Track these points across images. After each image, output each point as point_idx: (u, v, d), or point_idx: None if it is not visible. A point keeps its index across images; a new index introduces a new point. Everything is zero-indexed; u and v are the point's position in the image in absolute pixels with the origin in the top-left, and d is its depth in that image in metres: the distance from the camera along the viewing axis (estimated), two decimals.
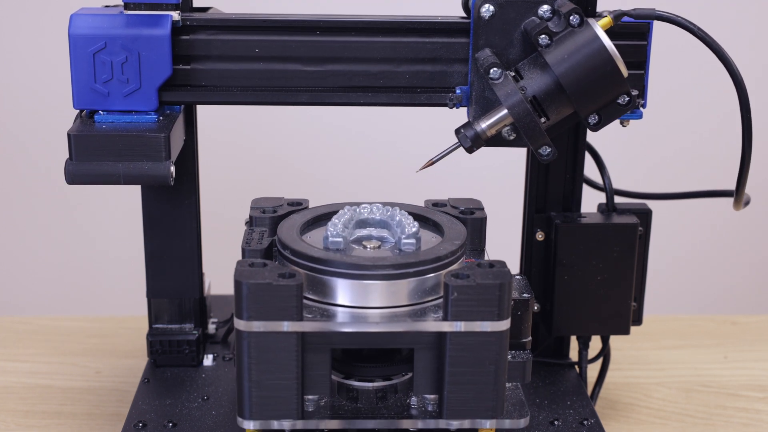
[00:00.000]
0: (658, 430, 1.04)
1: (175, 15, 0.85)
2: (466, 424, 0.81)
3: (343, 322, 0.79)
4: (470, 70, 0.87)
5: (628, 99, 0.83)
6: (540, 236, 0.99)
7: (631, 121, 0.89)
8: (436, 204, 0.95)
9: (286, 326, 0.77)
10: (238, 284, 0.76)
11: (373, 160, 1.69)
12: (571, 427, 0.92)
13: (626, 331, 0.99)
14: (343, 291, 0.80)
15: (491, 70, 0.82)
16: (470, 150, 0.85)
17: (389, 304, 0.80)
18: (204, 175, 1.03)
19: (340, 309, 0.80)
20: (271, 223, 0.90)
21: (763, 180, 1.70)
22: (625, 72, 0.82)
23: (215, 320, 1.07)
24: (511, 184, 1.18)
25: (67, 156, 0.83)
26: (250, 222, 0.91)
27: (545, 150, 0.83)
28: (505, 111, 0.83)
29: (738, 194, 0.90)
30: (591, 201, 1.04)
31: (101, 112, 0.85)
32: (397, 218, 0.87)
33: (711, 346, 1.23)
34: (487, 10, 0.85)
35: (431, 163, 0.87)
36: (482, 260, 0.82)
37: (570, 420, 0.93)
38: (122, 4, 0.86)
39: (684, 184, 1.72)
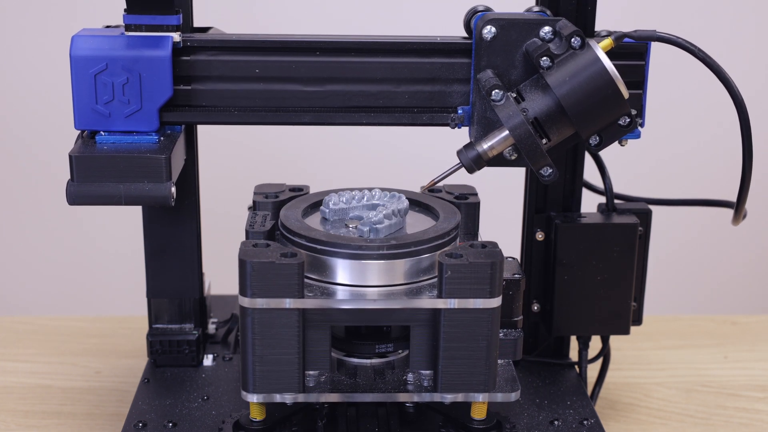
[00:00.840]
0: (658, 430, 1.04)
1: (176, 36, 0.86)
2: (459, 397, 0.84)
3: (342, 299, 0.82)
4: (472, 90, 0.87)
5: (629, 120, 0.84)
6: (540, 236, 0.99)
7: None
8: (432, 190, 0.97)
9: (288, 303, 0.80)
10: (242, 263, 0.79)
11: (373, 155, 1.69)
12: (571, 427, 0.92)
13: (626, 331, 0.99)
14: (343, 270, 0.83)
15: (493, 92, 0.82)
16: (471, 170, 0.86)
17: (386, 282, 0.84)
18: (204, 175, 1.03)
19: (339, 287, 0.83)
20: (273, 208, 0.93)
21: (763, 179, 1.70)
22: (626, 94, 0.82)
23: (215, 320, 1.07)
24: (512, 184, 1.18)
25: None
26: (254, 206, 0.94)
27: (546, 171, 0.83)
28: (507, 132, 0.83)
29: (738, 210, 0.90)
30: (591, 201, 1.04)
31: (102, 133, 0.86)
32: (381, 204, 0.89)
33: (711, 346, 1.23)
34: (488, 31, 0.85)
35: (434, 183, 0.89)
36: (475, 241, 0.84)
37: (570, 420, 0.93)
38: (122, 23, 0.87)
39: (685, 184, 1.73)
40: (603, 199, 1.00)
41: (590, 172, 1.01)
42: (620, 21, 0.94)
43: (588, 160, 0.99)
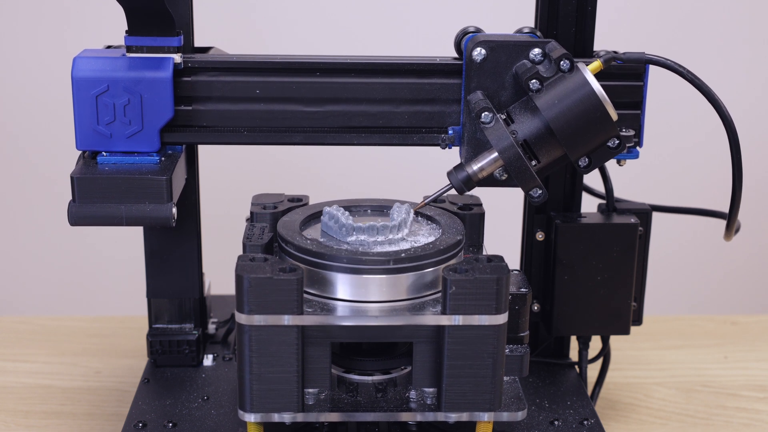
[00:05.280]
0: (658, 430, 1.04)
1: (177, 57, 0.86)
2: (464, 416, 0.82)
3: (342, 315, 0.80)
4: (462, 111, 0.88)
5: (618, 142, 0.84)
6: (540, 236, 0.99)
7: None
8: (435, 200, 0.95)
9: (287, 320, 0.78)
10: (239, 278, 0.77)
11: (374, 163, 1.69)
12: (571, 427, 0.92)
13: (626, 331, 0.99)
14: (343, 285, 0.82)
15: (483, 114, 0.82)
16: (461, 192, 0.86)
17: (388, 298, 0.82)
18: (204, 175, 1.03)
19: (339, 303, 0.81)
20: (271, 219, 0.92)
21: (763, 180, 1.71)
22: (614, 116, 0.82)
23: (215, 320, 1.07)
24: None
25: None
26: (251, 218, 0.93)
27: (536, 192, 0.83)
28: (496, 154, 0.83)
29: (729, 226, 0.91)
30: (591, 201, 1.04)
31: (104, 154, 0.86)
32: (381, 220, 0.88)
33: (711, 346, 1.23)
34: (479, 53, 0.85)
35: (424, 204, 0.90)
36: (480, 255, 0.82)
37: (570, 420, 0.93)
38: (123, 43, 0.87)
39: (684, 185, 1.73)
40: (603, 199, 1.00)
41: (589, 174, 1.01)
42: (619, 39, 0.95)
43: None
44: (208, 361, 1.02)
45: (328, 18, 1.65)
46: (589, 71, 0.82)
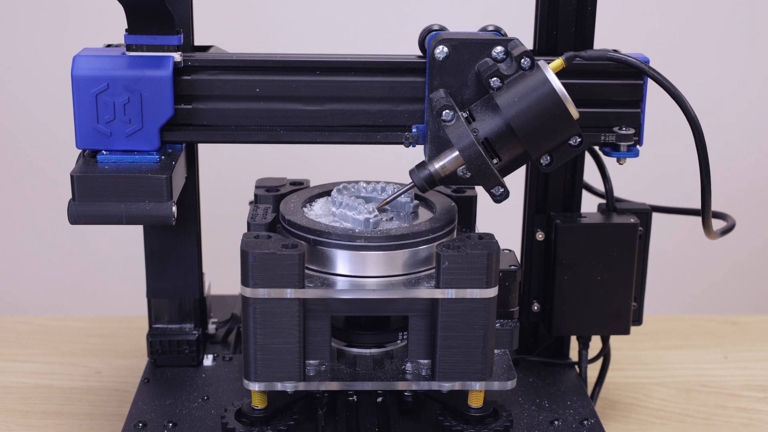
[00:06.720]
0: (658, 430, 1.04)
1: (177, 56, 0.86)
2: (457, 386, 0.86)
3: (342, 289, 0.83)
4: (426, 109, 0.88)
5: (579, 140, 0.84)
6: (540, 236, 0.99)
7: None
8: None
9: (289, 293, 0.82)
10: (244, 254, 0.81)
11: (375, 160, 1.69)
12: (571, 427, 0.92)
13: (626, 331, 0.99)
14: (342, 261, 0.85)
15: (443, 112, 0.82)
16: (424, 190, 0.86)
17: (385, 273, 0.85)
18: (204, 175, 1.03)
19: (339, 278, 0.85)
20: (274, 201, 0.95)
21: (762, 179, 1.71)
22: (575, 114, 0.82)
23: (215, 320, 1.07)
24: (512, 184, 1.18)
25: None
26: (255, 200, 0.96)
27: (498, 190, 0.83)
28: (458, 153, 0.83)
29: (705, 224, 0.90)
30: (591, 201, 1.04)
31: (104, 152, 0.86)
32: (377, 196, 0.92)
33: (711, 346, 1.23)
34: (441, 51, 0.85)
35: (386, 203, 0.90)
36: (472, 233, 0.85)
37: (570, 420, 0.93)
38: (123, 42, 0.87)
39: (686, 183, 1.73)
40: (603, 199, 1.00)
41: (589, 174, 1.01)
42: (619, 39, 0.95)
43: (588, 160, 0.99)
44: (208, 361, 1.02)
45: (328, 17, 1.65)
46: (550, 69, 0.82)
